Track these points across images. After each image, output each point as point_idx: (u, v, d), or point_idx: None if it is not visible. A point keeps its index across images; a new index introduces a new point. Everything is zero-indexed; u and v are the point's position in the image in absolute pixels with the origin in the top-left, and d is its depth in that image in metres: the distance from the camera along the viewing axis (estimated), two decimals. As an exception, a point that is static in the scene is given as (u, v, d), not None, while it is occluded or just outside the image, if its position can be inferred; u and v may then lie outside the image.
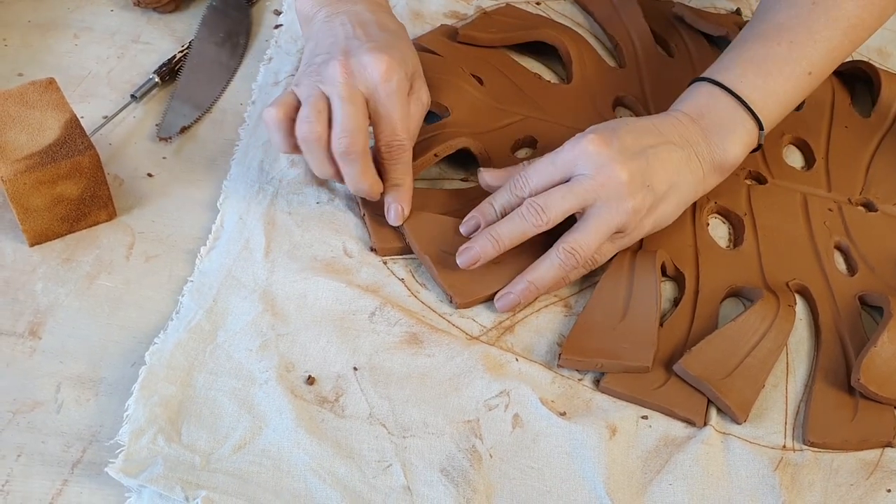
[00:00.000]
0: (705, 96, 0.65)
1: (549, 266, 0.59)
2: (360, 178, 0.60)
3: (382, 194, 0.63)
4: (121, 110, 0.70)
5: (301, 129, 0.58)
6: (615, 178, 0.58)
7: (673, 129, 0.63)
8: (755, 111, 0.64)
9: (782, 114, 0.67)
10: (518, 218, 0.59)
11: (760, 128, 0.65)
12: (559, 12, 0.87)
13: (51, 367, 0.55)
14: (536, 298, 0.61)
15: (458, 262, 0.60)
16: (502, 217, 0.60)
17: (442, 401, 0.56)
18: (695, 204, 0.70)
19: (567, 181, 0.59)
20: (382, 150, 0.61)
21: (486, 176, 0.64)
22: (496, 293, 0.61)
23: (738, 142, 0.64)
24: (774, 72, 0.65)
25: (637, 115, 0.77)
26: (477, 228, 0.61)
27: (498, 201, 0.61)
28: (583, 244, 0.59)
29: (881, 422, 0.58)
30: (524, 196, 0.60)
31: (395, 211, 0.62)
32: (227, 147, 0.70)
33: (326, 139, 0.59)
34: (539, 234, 0.60)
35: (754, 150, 0.67)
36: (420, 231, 0.63)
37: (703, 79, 0.66)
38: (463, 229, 0.61)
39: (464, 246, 0.60)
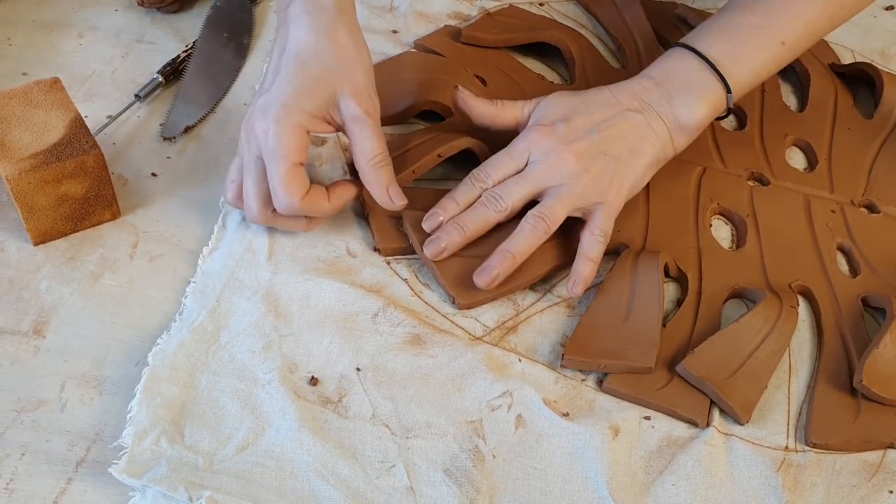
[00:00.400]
0: (675, 60, 0.67)
1: (521, 235, 0.61)
2: (288, 227, 0.62)
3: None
4: (125, 110, 0.71)
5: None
6: (563, 160, 0.62)
7: (632, 96, 0.65)
8: (723, 74, 0.65)
9: (753, 81, 0.68)
10: (480, 207, 0.62)
11: (728, 91, 0.66)
12: (562, 13, 0.87)
13: (55, 366, 0.55)
14: (513, 268, 0.61)
15: (425, 252, 0.61)
16: (465, 207, 0.62)
17: (445, 401, 0.56)
18: (697, 205, 0.70)
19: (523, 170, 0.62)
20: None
21: (467, 100, 0.66)
22: (496, 293, 0.61)
23: (704, 103, 0.65)
24: (746, 39, 0.67)
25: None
26: (439, 224, 0.62)
27: (460, 195, 0.63)
28: (550, 209, 0.61)
29: (884, 423, 0.58)
30: (486, 187, 0.62)
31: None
32: (231, 147, 0.70)
33: (239, 199, 0.62)
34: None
35: (723, 117, 0.69)
36: (423, 232, 0.63)
37: (677, 45, 0.68)
38: (425, 225, 0.62)
39: (431, 237, 0.61)
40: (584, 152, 0.62)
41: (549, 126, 0.63)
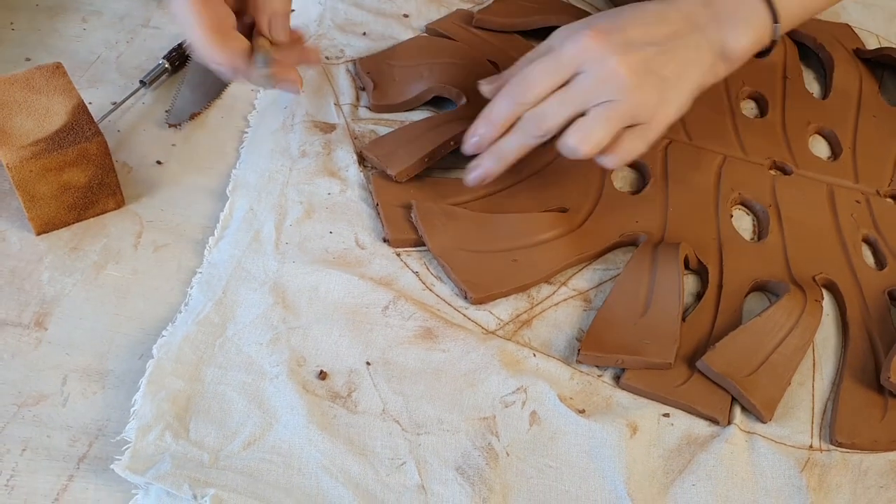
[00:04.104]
0: None
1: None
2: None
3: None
4: (129, 96, 0.69)
5: None
6: (616, 73, 0.57)
7: (680, 16, 0.61)
8: (773, 2, 0.62)
9: (801, 14, 0.65)
10: (519, 132, 0.59)
11: (775, 21, 0.63)
12: (578, -3, 0.85)
13: (57, 359, 0.54)
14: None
15: (466, 181, 0.61)
16: (503, 129, 0.60)
17: (457, 397, 0.54)
18: (718, 195, 0.68)
19: (569, 81, 0.58)
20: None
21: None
22: (511, 288, 0.60)
23: (749, 30, 0.62)
24: None
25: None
26: (479, 148, 0.61)
27: (497, 115, 0.59)
28: (589, 128, 0.57)
29: (912, 422, 0.56)
30: (527, 103, 0.58)
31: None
32: (237, 134, 0.68)
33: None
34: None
35: (765, 53, 0.65)
36: (433, 225, 0.61)
37: None
38: (467, 148, 0.61)
39: (471, 164, 0.61)
40: (638, 67, 0.57)
41: (603, 32, 0.58)
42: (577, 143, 0.57)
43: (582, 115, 0.58)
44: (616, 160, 0.60)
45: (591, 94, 0.57)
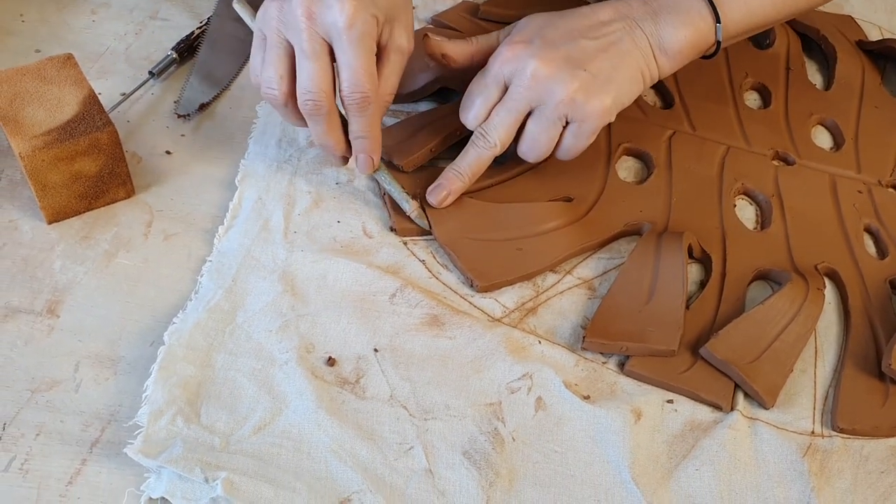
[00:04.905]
0: None
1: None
2: (323, 136, 0.59)
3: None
4: (139, 87, 0.70)
5: (264, 92, 0.58)
6: (536, 75, 0.59)
7: (613, 11, 0.62)
8: (714, 2, 0.62)
9: (748, 20, 0.65)
10: (471, 147, 0.62)
11: (718, 21, 0.63)
12: (582, -11, 0.85)
13: (69, 346, 0.55)
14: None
15: (429, 201, 0.62)
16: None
17: (464, 383, 0.55)
18: (721, 185, 0.68)
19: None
20: (345, 101, 0.57)
21: (432, 43, 0.65)
22: (516, 276, 0.60)
23: (689, 25, 0.62)
24: None
25: (666, 98, 0.76)
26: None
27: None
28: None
29: (912, 408, 0.57)
30: (472, 125, 0.62)
31: (363, 161, 0.61)
32: (246, 125, 0.69)
33: (291, 96, 0.58)
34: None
35: (710, 55, 0.65)
36: (439, 214, 0.62)
37: None
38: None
39: (432, 185, 0.62)
40: (560, 64, 0.59)
41: (520, 42, 0.60)
42: (527, 154, 0.62)
43: (528, 116, 0.60)
44: (564, 157, 0.63)
45: (523, 101, 0.60)
